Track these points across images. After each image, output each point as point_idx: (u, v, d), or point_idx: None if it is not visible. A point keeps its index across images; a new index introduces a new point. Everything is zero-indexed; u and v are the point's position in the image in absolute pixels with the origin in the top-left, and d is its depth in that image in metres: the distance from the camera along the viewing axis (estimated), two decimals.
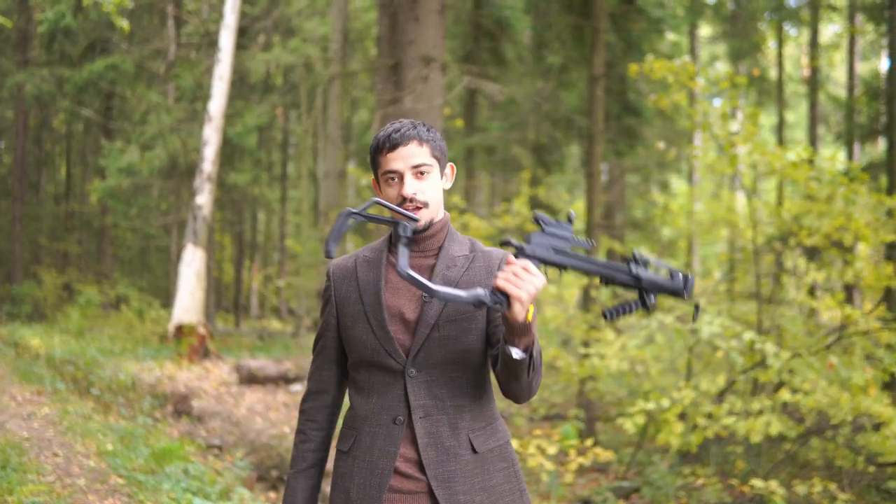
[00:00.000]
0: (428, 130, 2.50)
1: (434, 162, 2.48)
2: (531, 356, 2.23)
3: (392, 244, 2.57)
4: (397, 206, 2.44)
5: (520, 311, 2.13)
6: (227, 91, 16.59)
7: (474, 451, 2.44)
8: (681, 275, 2.19)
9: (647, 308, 2.21)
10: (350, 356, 2.55)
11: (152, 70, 23.37)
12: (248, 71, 22.54)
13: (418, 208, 2.44)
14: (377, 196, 2.51)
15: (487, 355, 2.49)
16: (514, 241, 2.30)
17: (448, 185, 2.59)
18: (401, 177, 2.44)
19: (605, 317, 2.24)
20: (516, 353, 2.20)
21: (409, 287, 2.49)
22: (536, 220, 2.22)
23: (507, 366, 2.27)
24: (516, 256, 2.21)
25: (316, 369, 2.64)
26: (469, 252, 2.56)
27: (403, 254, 2.27)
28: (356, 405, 2.52)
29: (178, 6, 22.72)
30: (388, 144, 2.45)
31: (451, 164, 2.61)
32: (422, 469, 2.41)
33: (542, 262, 2.22)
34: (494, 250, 2.60)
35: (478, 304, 2.17)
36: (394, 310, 2.47)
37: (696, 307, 2.24)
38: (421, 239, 2.51)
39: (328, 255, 2.33)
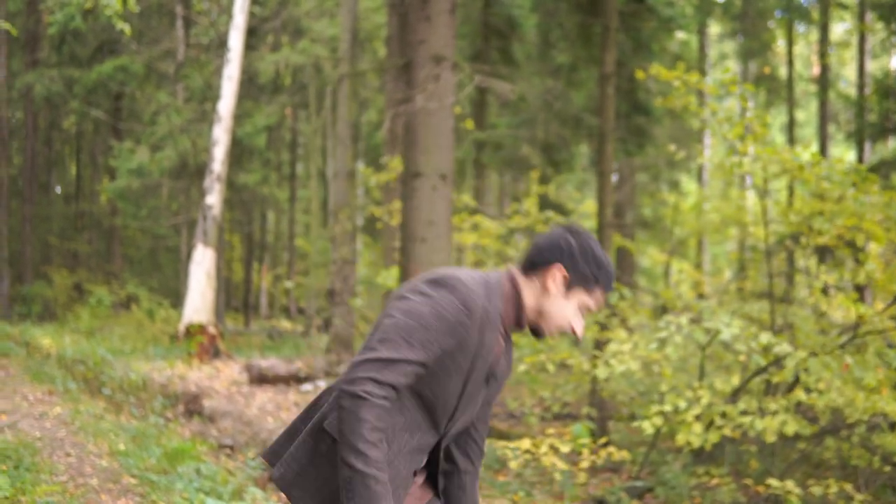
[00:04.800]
0: None
1: None
2: None
3: (507, 331, 2.55)
4: (561, 325, 2.49)
5: None
6: (237, 91, 16.61)
7: None
8: None
9: None
10: (417, 387, 2.41)
11: (162, 71, 23.41)
12: (257, 71, 22.56)
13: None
14: (553, 290, 2.47)
15: None
16: None
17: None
18: (586, 312, 2.50)
19: None
20: None
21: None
22: None
23: None
24: None
25: (393, 375, 2.34)
26: None
27: None
28: (395, 423, 2.42)
29: (187, 7, 22.75)
30: (607, 288, 2.50)
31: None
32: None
33: None
34: None
35: None
36: None
37: None
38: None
39: None
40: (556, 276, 2.45)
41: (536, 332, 2.53)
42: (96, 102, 24.91)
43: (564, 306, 2.46)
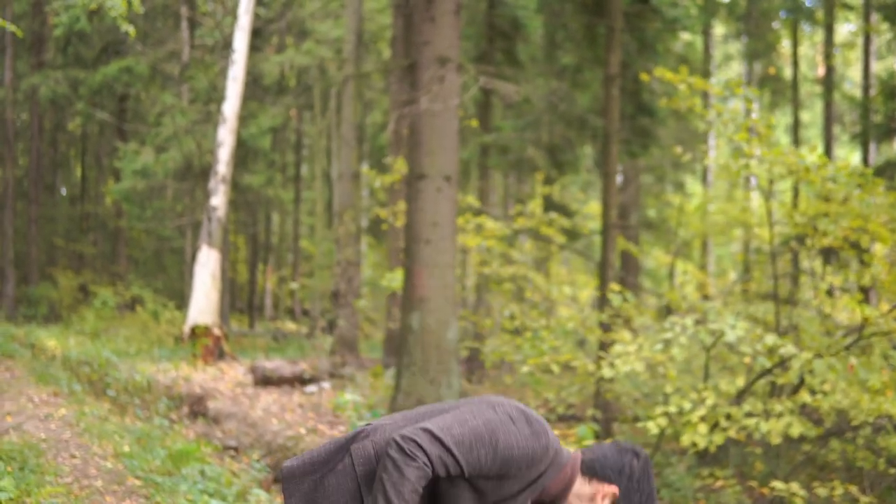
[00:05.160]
0: None
1: None
2: None
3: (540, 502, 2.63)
4: None
5: None
6: (241, 93, 16.60)
7: None
8: None
9: None
10: (439, 484, 2.49)
11: (166, 72, 23.43)
12: (262, 72, 22.57)
13: None
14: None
15: None
16: None
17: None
18: None
19: None
20: None
21: None
22: None
23: None
24: None
25: (439, 461, 2.44)
26: None
27: None
28: None
29: (191, 8, 22.77)
30: None
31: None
32: None
33: None
34: None
35: None
36: None
37: None
38: None
39: None
40: (608, 495, 2.57)
41: None
42: (101, 104, 24.95)
43: None
